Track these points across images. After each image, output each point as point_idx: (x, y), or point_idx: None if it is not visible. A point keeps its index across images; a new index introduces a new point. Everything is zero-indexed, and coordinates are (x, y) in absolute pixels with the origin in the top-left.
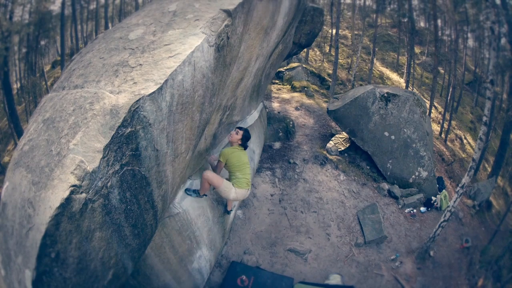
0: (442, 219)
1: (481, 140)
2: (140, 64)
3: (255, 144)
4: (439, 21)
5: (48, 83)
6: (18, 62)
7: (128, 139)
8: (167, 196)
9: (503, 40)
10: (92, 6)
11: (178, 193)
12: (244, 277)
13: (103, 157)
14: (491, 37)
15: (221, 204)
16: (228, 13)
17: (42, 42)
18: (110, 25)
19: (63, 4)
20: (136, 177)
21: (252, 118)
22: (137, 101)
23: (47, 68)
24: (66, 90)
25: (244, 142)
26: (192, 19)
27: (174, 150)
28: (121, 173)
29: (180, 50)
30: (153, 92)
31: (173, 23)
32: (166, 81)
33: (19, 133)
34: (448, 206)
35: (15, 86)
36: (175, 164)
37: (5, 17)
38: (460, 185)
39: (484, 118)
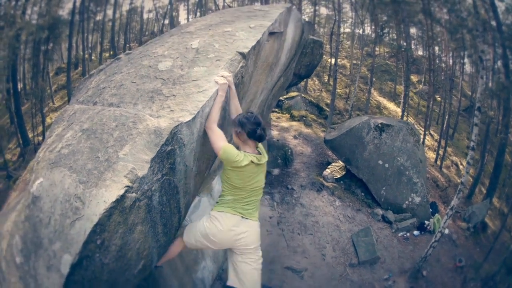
0: (433, 240)
1: (468, 164)
2: (174, 95)
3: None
4: (436, 49)
5: (53, 88)
6: (23, 62)
7: (168, 155)
8: (188, 204)
9: (498, 63)
10: (99, 17)
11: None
12: None
13: (150, 167)
14: (479, 66)
15: None
16: (243, 55)
17: (50, 47)
18: (116, 38)
19: (73, 12)
20: (171, 186)
21: None
22: (176, 126)
23: (51, 74)
24: (99, 105)
25: (254, 136)
26: (213, 58)
27: (198, 167)
28: (161, 181)
29: (206, 87)
30: (189, 120)
31: (198, 61)
32: (198, 112)
33: (23, 133)
34: (439, 225)
35: (19, 85)
36: (197, 179)
37: (19, 15)
38: (449, 207)
39: (471, 143)
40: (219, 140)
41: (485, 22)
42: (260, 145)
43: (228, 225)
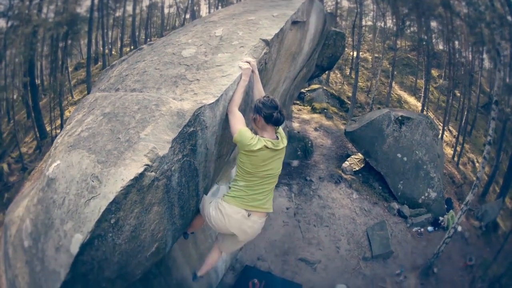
0: (446, 236)
1: (485, 159)
2: (198, 79)
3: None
4: (456, 43)
5: (72, 83)
6: (41, 58)
7: (190, 136)
8: (207, 189)
9: None
10: (119, 13)
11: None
12: (256, 281)
13: (171, 147)
14: (497, 59)
15: None
16: (267, 42)
17: (69, 43)
18: (137, 33)
19: (91, 8)
20: (191, 168)
21: None
22: (199, 108)
23: (70, 69)
24: (122, 91)
25: (271, 120)
26: (237, 45)
27: (218, 152)
28: (182, 161)
29: (230, 71)
30: (212, 103)
31: (221, 47)
32: (221, 95)
33: (40, 126)
34: (453, 217)
35: (37, 81)
36: (217, 163)
37: (35, 12)
38: (464, 202)
39: (488, 138)
40: (237, 123)
41: (502, 17)
42: (280, 129)
43: (231, 222)
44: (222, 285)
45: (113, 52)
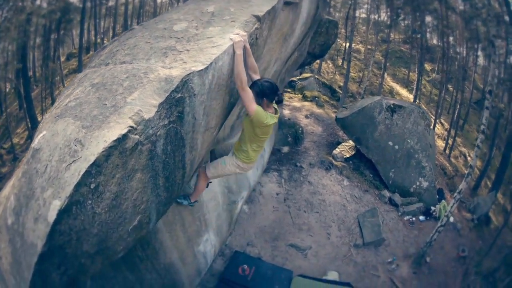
0: (439, 224)
1: (478, 147)
2: (187, 50)
3: (266, 143)
4: (451, 39)
5: (64, 73)
6: (33, 48)
7: (177, 102)
8: (194, 163)
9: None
10: (111, 2)
11: (193, 176)
12: (245, 267)
13: (157, 111)
14: (491, 50)
15: (231, 192)
16: (258, 18)
17: (61, 31)
18: (129, 22)
19: None
20: (177, 136)
21: None
22: (188, 74)
23: (62, 59)
24: (111, 65)
25: (269, 96)
26: (228, 20)
27: (206, 123)
28: (168, 128)
29: (220, 42)
30: (201, 70)
31: (213, 22)
32: (211, 63)
33: (32, 116)
34: (445, 211)
35: (29, 73)
36: (205, 136)
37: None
38: (457, 190)
39: (482, 127)
40: (252, 102)
41: (498, 16)
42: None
43: (243, 171)
44: (211, 271)
45: (105, 42)
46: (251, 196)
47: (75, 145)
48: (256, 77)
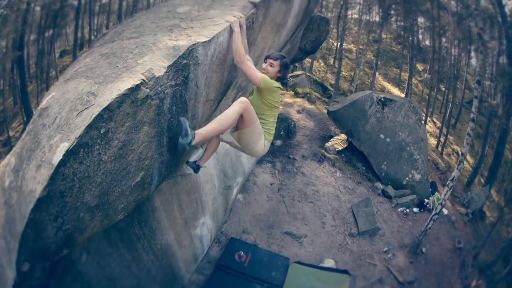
0: (433, 213)
1: (468, 135)
2: (191, 27)
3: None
4: (443, 40)
5: (58, 69)
6: (28, 43)
7: (184, 67)
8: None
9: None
10: (105, 0)
11: (191, 156)
12: (242, 253)
13: (166, 72)
14: (479, 42)
15: (227, 177)
16: (254, 4)
17: (58, 22)
18: (123, 18)
19: None
20: (182, 99)
21: None
22: (193, 44)
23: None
24: (118, 41)
25: (284, 74)
26: (228, 4)
27: (207, 94)
28: (174, 88)
29: (221, 22)
30: (205, 41)
31: (213, 5)
32: (213, 37)
33: (27, 110)
34: (439, 199)
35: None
36: (204, 108)
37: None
38: (450, 178)
39: (472, 115)
40: (256, 71)
41: (492, 17)
42: None
43: (264, 151)
44: (208, 258)
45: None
46: (246, 186)
47: (87, 97)
48: (246, 56)
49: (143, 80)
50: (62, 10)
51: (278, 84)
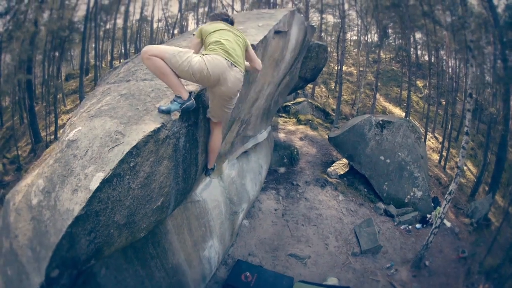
0: (433, 227)
1: (463, 148)
2: None
3: (263, 160)
4: (442, 52)
5: (65, 91)
6: (34, 65)
7: (194, 110)
8: (203, 164)
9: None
10: (109, 25)
11: (199, 185)
12: (248, 274)
13: (181, 116)
14: (469, 54)
15: (233, 203)
16: (253, 46)
17: (66, 47)
18: (128, 46)
19: (86, 17)
20: (193, 137)
21: (262, 136)
22: (201, 89)
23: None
24: (133, 81)
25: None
26: None
27: None
28: (187, 129)
29: None
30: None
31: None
32: None
33: (35, 130)
34: (438, 214)
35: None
36: None
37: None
38: (448, 192)
39: (465, 128)
40: (190, 48)
41: (486, 22)
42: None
43: (215, 66)
44: (215, 279)
45: (103, 65)
46: (251, 212)
47: (116, 135)
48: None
49: (163, 123)
50: (70, 35)
51: (196, 32)
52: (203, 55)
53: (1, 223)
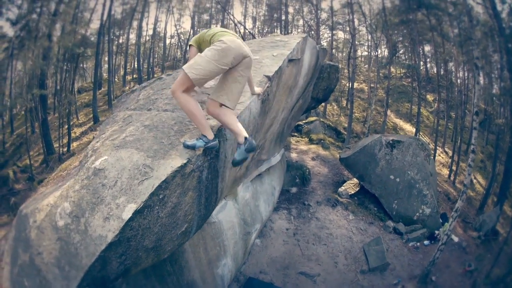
0: (440, 243)
1: (470, 166)
2: None
3: (276, 182)
4: (451, 64)
5: (78, 104)
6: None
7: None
8: (222, 191)
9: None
10: (122, 39)
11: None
12: None
13: (204, 150)
14: (475, 72)
15: (247, 224)
16: (269, 78)
17: (80, 61)
18: (141, 61)
19: (100, 32)
20: (214, 169)
21: (275, 159)
22: (221, 125)
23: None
24: (155, 111)
25: None
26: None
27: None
28: (209, 162)
29: (243, 100)
30: None
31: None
32: (237, 116)
33: (48, 141)
34: (445, 231)
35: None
36: (231, 172)
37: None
38: (454, 209)
39: (472, 147)
40: (190, 60)
41: (492, 29)
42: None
43: (234, 40)
44: None
45: (115, 79)
46: (263, 231)
47: (144, 168)
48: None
49: (189, 159)
50: (84, 51)
51: (192, 41)
52: (214, 44)
53: (15, 234)
